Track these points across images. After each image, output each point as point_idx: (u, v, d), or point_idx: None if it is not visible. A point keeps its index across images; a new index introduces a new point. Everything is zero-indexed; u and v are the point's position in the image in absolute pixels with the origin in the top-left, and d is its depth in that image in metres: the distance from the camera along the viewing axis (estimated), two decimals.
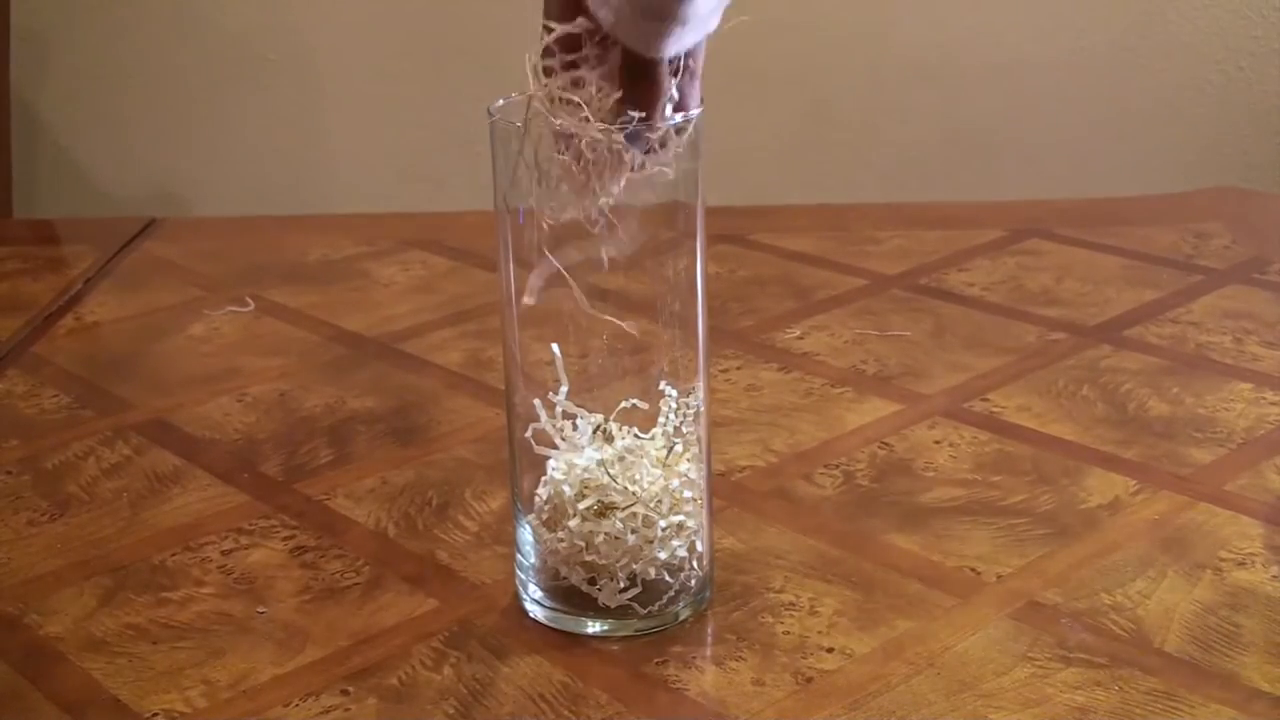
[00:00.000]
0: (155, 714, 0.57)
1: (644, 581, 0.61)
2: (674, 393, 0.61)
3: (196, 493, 0.75)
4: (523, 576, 0.63)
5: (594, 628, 0.61)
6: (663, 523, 0.60)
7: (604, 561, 0.60)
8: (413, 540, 0.70)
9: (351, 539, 0.70)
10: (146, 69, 2.09)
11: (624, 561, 0.60)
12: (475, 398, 0.86)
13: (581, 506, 0.60)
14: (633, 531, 0.60)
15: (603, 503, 0.60)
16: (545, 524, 0.61)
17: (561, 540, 0.61)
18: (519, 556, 0.63)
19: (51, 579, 0.67)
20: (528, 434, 0.61)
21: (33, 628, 0.63)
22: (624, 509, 0.60)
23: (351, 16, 2.05)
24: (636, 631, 0.61)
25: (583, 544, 0.60)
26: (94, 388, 0.90)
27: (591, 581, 0.61)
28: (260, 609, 0.64)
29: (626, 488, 0.60)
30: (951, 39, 1.97)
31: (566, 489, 0.60)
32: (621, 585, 0.60)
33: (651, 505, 0.60)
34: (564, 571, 0.61)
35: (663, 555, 0.61)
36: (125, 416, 0.85)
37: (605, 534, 0.60)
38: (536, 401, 0.61)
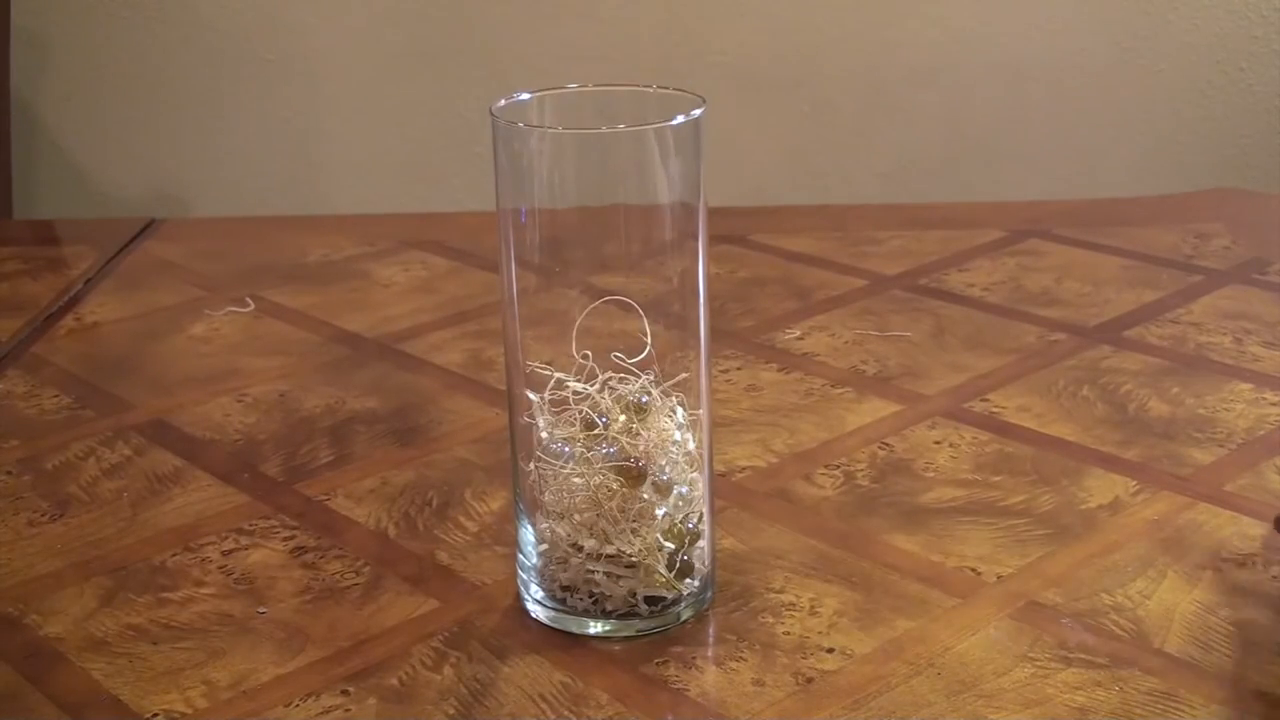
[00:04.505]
0: (155, 714, 0.57)
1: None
2: (676, 402, 0.61)
3: (196, 493, 0.75)
4: (524, 577, 0.63)
5: (596, 628, 0.61)
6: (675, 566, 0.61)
7: (608, 593, 0.60)
8: (413, 540, 0.70)
9: (351, 539, 0.70)
10: (146, 69, 2.09)
11: (628, 592, 0.60)
12: (475, 398, 0.86)
13: (586, 548, 0.60)
14: (635, 566, 0.60)
15: (605, 553, 0.60)
16: (547, 557, 0.61)
17: (565, 571, 0.61)
18: (520, 557, 0.63)
19: (51, 579, 0.67)
20: (527, 466, 0.61)
21: (33, 628, 0.63)
22: (626, 558, 0.60)
23: (350, 17, 2.05)
24: (638, 632, 0.61)
25: (590, 575, 0.60)
26: (94, 388, 0.90)
27: (595, 602, 0.61)
28: (260, 609, 0.64)
29: (625, 551, 0.60)
30: (951, 39, 1.97)
31: (561, 530, 0.60)
32: (623, 610, 0.61)
33: (660, 552, 0.60)
34: (560, 594, 0.61)
35: (668, 595, 0.61)
36: (125, 416, 0.85)
37: (607, 573, 0.60)
38: (535, 400, 0.61)
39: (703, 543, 0.62)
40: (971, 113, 2.00)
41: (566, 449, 0.60)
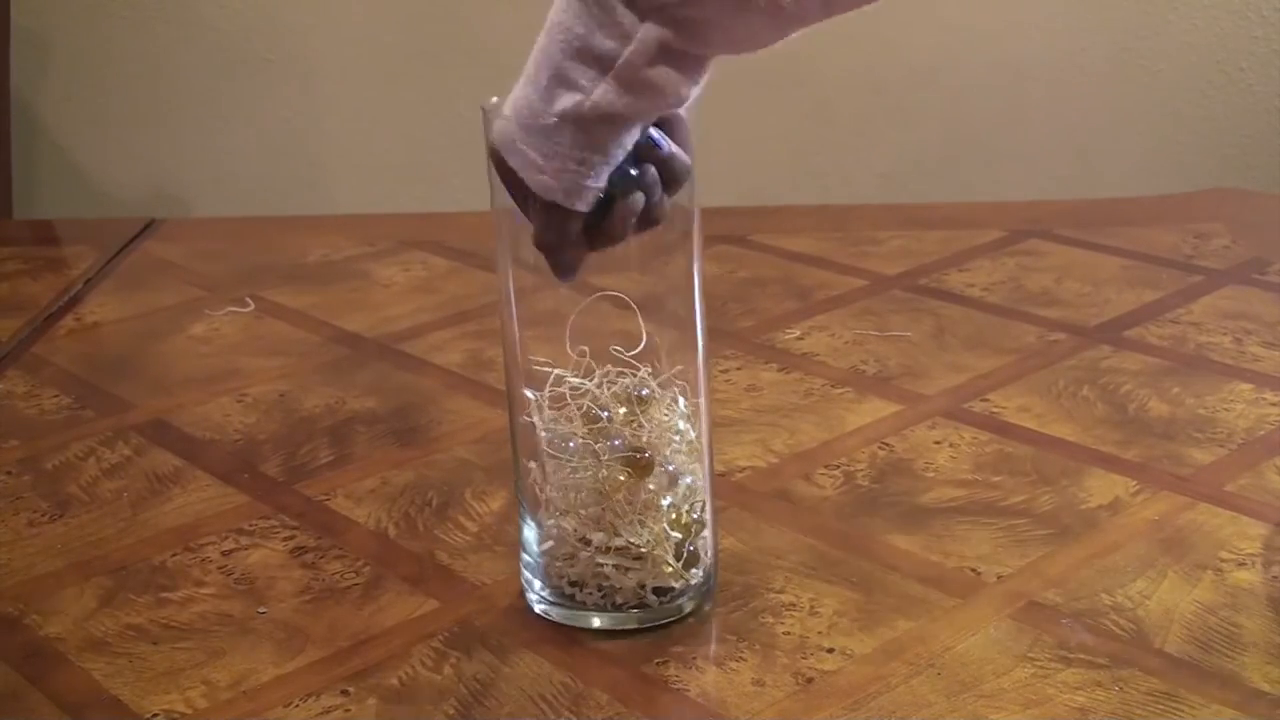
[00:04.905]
0: (155, 714, 0.57)
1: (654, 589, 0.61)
2: (677, 396, 0.61)
3: (196, 493, 0.75)
4: (528, 575, 0.63)
5: (599, 621, 0.61)
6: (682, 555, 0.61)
7: (618, 585, 0.60)
8: (413, 540, 0.70)
9: (351, 539, 0.70)
10: (146, 70, 2.09)
11: (637, 584, 0.60)
12: (475, 398, 0.86)
13: (594, 541, 0.60)
14: (643, 559, 0.60)
15: (613, 546, 0.60)
16: (553, 554, 0.61)
17: (572, 567, 0.61)
18: (525, 556, 0.63)
19: (51, 579, 0.67)
20: (529, 463, 0.61)
21: (33, 628, 0.63)
22: (635, 550, 0.60)
23: (351, 17, 2.04)
24: (640, 624, 0.61)
25: (599, 568, 0.60)
26: (94, 388, 0.90)
27: (605, 596, 0.61)
28: (260, 609, 0.64)
29: (633, 542, 0.60)
30: (952, 39, 1.97)
31: (568, 525, 0.60)
32: (633, 603, 0.61)
33: (667, 542, 0.60)
34: (569, 590, 0.61)
35: (676, 585, 0.61)
36: (125, 416, 0.85)
37: (616, 565, 0.60)
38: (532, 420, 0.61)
39: (706, 532, 0.62)
40: (971, 113, 2.00)
41: (571, 444, 0.60)
